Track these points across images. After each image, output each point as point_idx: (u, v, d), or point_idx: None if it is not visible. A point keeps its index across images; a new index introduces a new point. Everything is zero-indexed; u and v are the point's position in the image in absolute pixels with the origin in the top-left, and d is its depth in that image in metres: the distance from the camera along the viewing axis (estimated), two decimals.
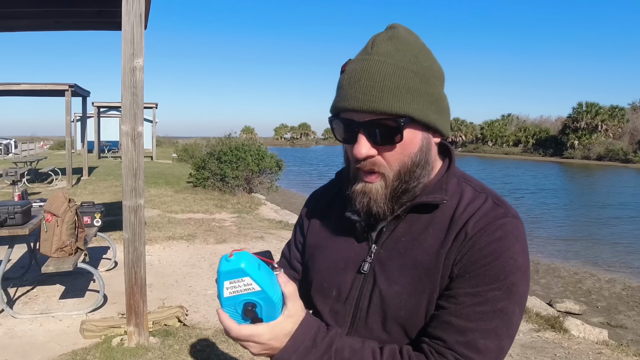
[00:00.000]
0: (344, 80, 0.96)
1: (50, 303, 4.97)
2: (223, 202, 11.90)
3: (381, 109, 0.91)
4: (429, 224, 1.00)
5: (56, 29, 6.87)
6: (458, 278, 0.93)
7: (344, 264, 1.08)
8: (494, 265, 0.91)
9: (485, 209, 0.96)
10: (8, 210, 4.36)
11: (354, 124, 0.95)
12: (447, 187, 1.01)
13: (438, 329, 0.93)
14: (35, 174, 15.98)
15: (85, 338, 4.12)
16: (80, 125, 20.14)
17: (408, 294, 0.97)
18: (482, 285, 0.91)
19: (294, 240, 1.28)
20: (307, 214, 1.25)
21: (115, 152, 28.99)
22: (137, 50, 3.72)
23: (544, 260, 9.94)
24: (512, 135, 69.21)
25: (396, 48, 0.95)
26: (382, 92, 0.91)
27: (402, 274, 0.99)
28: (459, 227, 0.95)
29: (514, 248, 0.92)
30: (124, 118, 3.78)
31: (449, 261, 0.94)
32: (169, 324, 4.34)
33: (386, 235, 1.03)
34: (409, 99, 0.92)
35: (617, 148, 51.41)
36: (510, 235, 0.93)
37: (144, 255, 3.91)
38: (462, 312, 0.91)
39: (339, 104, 0.96)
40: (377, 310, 1.00)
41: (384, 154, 0.96)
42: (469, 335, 0.89)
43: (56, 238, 4.52)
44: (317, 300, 1.13)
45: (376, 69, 0.92)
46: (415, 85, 0.93)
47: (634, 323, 6.52)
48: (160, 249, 7.29)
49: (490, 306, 0.90)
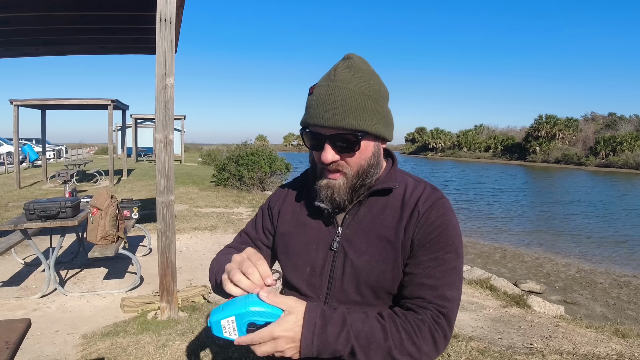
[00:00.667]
0: (313, 101, 1.04)
1: (96, 283, 4.98)
2: (240, 198, 11.89)
3: (343, 125, 1.00)
4: (385, 206, 1.11)
5: (100, 53, 6.90)
6: (420, 247, 1.04)
7: (316, 245, 1.13)
8: (444, 234, 1.04)
9: (427, 192, 1.10)
10: (60, 205, 4.37)
11: (321, 136, 1.04)
12: (396, 178, 1.13)
13: (415, 290, 1.03)
14: (82, 175, 16.01)
15: (125, 312, 4.12)
16: (121, 134, 20.15)
17: (376, 261, 1.06)
18: (439, 251, 1.03)
19: (262, 225, 1.29)
20: (276, 205, 1.28)
21: (150, 157, 29.02)
22: (169, 71, 3.72)
23: (510, 247, 9.91)
24: (483, 143, 68.99)
25: (353, 75, 1.04)
26: (343, 112, 1.00)
27: (369, 245, 1.07)
28: (412, 207, 1.07)
29: (453, 220, 1.08)
30: (158, 128, 3.78)
31: (408, 234, 1.05)
32: (195, 300, 4.34)
33: (350, 218, 1.12)
34: (364, 117, 1.02)
35: (572, 153, 51.24)
36: (449, 210, 1.08)
37: (174, 243, 3.91)
38: (430, 273, 1.02)
39: (309, 120, 1.04)
40: (351, 277, 1.07)
41: (345, 158, 1.06)
42: (439, 290, 1.01)
43: (100, 228, 4.53)
44: (292, 277, 1.17)
45: (338, 93, 1.01)
46: (368, 106, 1.03)
47: (586, 300, 6.50)
48: (187, 238, 7.29)
49: (447, 265, 1.03)
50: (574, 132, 55.62)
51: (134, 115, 24.96)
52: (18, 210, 8.74)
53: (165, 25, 3.68)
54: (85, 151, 39.48)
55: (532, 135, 58.14)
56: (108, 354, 3.26)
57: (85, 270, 5.42)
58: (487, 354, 3.47)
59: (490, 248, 9.77)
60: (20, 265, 5.53)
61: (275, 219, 1.25)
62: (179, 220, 8.43)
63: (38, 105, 13.75)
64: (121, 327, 3.76)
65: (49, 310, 4.18)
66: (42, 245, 5.71)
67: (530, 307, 4.95)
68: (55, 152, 29.27)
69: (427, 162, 57.54)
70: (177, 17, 4.03)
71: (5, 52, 6.41)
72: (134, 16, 5.01)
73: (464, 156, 68.21)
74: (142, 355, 3.25)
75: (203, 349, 3.38)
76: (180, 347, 3.38)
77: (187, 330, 3.66)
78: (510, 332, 4.11)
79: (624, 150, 46.21)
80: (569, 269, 8.15)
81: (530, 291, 6.46)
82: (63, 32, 5.66)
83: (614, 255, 9.42)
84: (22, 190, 12.60)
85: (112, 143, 14.75)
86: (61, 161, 26.02)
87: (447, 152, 74.31)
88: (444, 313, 0.99)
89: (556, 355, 3.52)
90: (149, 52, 6.40)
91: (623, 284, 7.32)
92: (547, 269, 8.15)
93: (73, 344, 3.50)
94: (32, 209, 4.27)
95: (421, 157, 74.02)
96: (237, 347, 3.37)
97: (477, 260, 8.53)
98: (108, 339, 3.53)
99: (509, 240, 10.72)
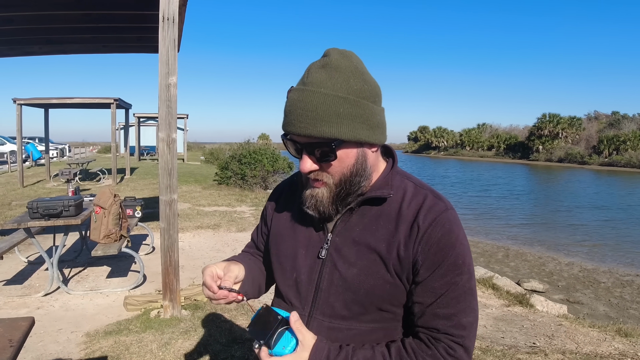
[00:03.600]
0: (286, 107, 0.96)
1: (99, 281, 4.99)
2: (243, 197, 11.90)
3: (315, 134, 0.91)
4: (379, 216, 1.01)
5: (103, 52, 6.91)
6: (427, 271, 0.96)
7: (305, 250, 1.08)
8: (452, 254, 0.96)
9: (428, 203, 0.99)
10: (63, 204, 4.38)
11: (298, 144, 0.96)
12: (392, 183, 1.04)
13: (429, 320, 0.96)
14: (86, 174, 16.04)
15: (128, 311, 4.13)
16: (124, 133, 20.17)
17: (365, 275, 0.98)
18: (449, 275, 0.95)
19: (260, 229, 1.31)
20: (272, 205, 1.25)
21: (153, 155, 29.08)
22: (172, 70, 3.73)
23: (513, 247, 9.89)
24: (486, 141, 68.69)
25: (328, 76, 0.92)
26: (314, 119, 0.90)
27: (358, 257, 1.00)
28: (411, 220, 0.98)
29: (460, 235, 0.99)
30: (161, 126, 3.79)
31: (408, 252, 0.96)
32: (198, 299, 4.35)
33: (341, 225, 1.04)
34: (339, 123, 0.91)
35: (575, 152, 51.00)
36: (454, 225, 0.98)
37: (177, 242, 3.92)
38: (443, 302, 0.95)
39: (285, 127, 0.96)
40: (339, 290, 1.01)
41: (324, 167, 0.97)
42: (454, 318, 0.94)
43: (104, 227, 4.54)
44: (280, 282, 1.14)
45: (309, 99, 0.91)
46: (345, 110, 0.92)
47: (589, 300, 6.48)
48: (190, 236, 7.30)
49: (461, 289, 0.96)
50: (577, 130, 55.35)
51: (137, 114, 24.99)
52: (21, 209, 8.77)
53: (168, 24, 3.69)
54: (88, 150, 39.54)
55: (535, 134, 57.88)
56: (111, 352, 3.27)
57: (88, 268, 5.43)
58: (489, 353, 3.47)
59: (493, 247, 9.75)
60: (23, 263, 5.55)
61: (270, 218, 1.22)
62: (182, 218, 8.44)
63: (41, 104, 13.79)
64: (124, 326, 3.77)
65: (52, 308, 4.20)
66: (45, 243, 5.72)
67: (532, 306, 4.94)
68: (59, 151, 29.37)
69: (430, 160, 57.46)
70: (180, 15, 4.02)
71: (9, 51, 6.43)
72: (137, 15, 5.02)
73: (467, 155, 67.98)
74: (145, 354, 3.26)
75: (206, 347, 3.38)
76: (183, 346, 3.39)
77: (190, 329, 3.67)
78: (513, 331, 4.10)
79: (627, 149, 45.96)
80: (572, 268, 8.13)
81: (533, 290, 6.44)
82: (66, 31, 5.67)
83: (617, 254, 9.39)
84: (25, 188, 12.64)
85: (115, 142, 14.76)
86: (64, 160, 26.09)
87: (449, 151, 74.05)
88: (460, 343, 0.94)
89: (559, 354, 3.51)
90: (151, 51, 6.41)
91: (626, 283, 7.29)
92: (550, 268, 8.13)
93: (76, 342, 3.51)
94: (35, 208, 4.29)
95: (424, 155, 73.87)
96: (239, 345, 3.38)
97: (479, 259, 8.52)
98: (111, 337, 3.54)
99: (512, 239, 10.70)
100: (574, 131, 55.41)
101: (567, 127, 55.60)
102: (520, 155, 59.73)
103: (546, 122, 56.55)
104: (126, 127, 18.50)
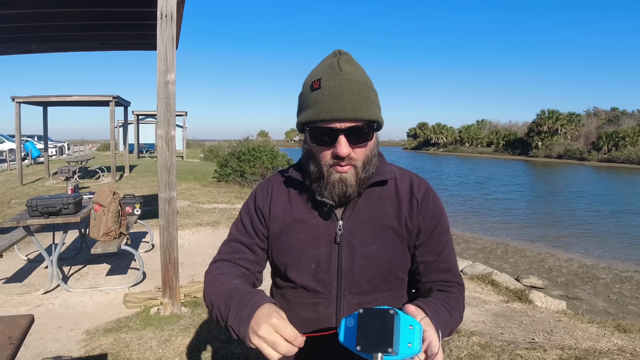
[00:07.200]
0: (323, 96, 1.01)
1: (98, 279, 5.00)
2: (242, 194, 11.90)
3: (361, 117, 1.01)
4: (381, 196, 1.15)
5: (102, 50, 6.89)
6: (427, 235, 1.14)
7: (317, 240, 1.12)
8: (442, 219, 1.17)
9: (416, 181, 1.18)
10: (62, 201, 4.38)
11: (335, 130, 1.01)
12: (386, 169, 1.17)
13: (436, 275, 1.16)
14: (85, 171, 16.04)
15: (128, 308, 4.14)
16: (123, 130, 20.16)
17: (385, 250, 1.11)
18: (442, 236, 1.16)
19: (253, 229, 1.20)
20: (264, 206, 1.20)
21: (152, 153, 29.03)
22: (170, 67, 3.72)
23: (512, 243, 9.90)
24: (485, 138, 68.67)
25: (355, 69, 1.05)
26: (360, 103, 1.01)
27: (375, 235, 1.11)
28: (409, 196, 1.15)
29: (441, 203, 1.19)
30: (159, 124, 3.78)
31: (414, 222, 1.13)
32: (197, 296, 4.36)
33: (350, 210, 1.12)
34: (374, 107, 1.05)
35: (574, 148, 50.99)
36: (436, 195, 1.19)
37: (176, 239, 3.92)
38: (442, 258, 1.16)
39: (321, 115, 1.01)
40: (361, 268, 1.10)
41: (355, 150, 1.05)
42: (452, 270, 1.17)
43: (103, 225, 4.54)
44: (295, 275, 1.14)
45: (351, 86, 1.01)
46: (372, 96, 1.06)
47: (588, 296, 6.49)
48: (190, 234, 7.31)
49: (449, 247, 1.18)
50: (577, 127, 55.33)
51: (136, 112, 25.00)
52: (21, 207, 8.77)
53: (166, 21, 3.68)
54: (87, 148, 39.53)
55: (534, 130, 57.85)
56: (111, 350, 3.28)
57: (88, 266, 5.44)
58: (488, 349, 3.47)
59: (492, 243, 9.76)
60: (23, 261, 5.55)
61: (267, 219, 1.19)
62: (181, 216, 8.44)
63: (40, 102, 13.77)
64: (124, 323, 3.78)
65: (52, 306, 4.20)
66: (44, 241, 5.72)
67: (532, 302, 4.95)
68: (58, 149, 29.29)
69: (430, 157, 57.46)
70: (178, 12, 4.01)
71: (7, 49, 6.41)
72: (135, 12, 5.00)
73: (466, 151, 67.95)
74: (145, 351, 3.26)
75: (205, 344, 3.39)
76: (183, 343, 3.40)
77: (189, 326, 3.68)
78: (512, 327, 4.11)
79: (626, 145, 45.94)
80: (571, 264, 8.15)
81: (532, 286, 6.46)
82: (64, 28, 5.65)
83: (616, 250, 9.41)
84: (24, 187, 12.64)
85: (114, 139, 14.74)
86: (63, 158, 26.06)
87: (449, 148, 74.05)
88: (461, 283, 1.18)
89: (558, 350, 3.52)
90: (150, 48, 6.39)
91: (625, 279, 7.31)
92: (549, 264, 8.14)
93: (76, 339, 3.52)
94: (34, 206, 4.29)
95: (423, 152, 73.89)
96: (239, 342, 3.38)
97: (479, 256, 8.53)
98: (111, 334, 3.55)
99: (511, 235, 10.71)
100: (573, 127, 55.40)
101: (567, 123, 55.58)
102: (520, 151, 59.74)
103: (545, 119, 56.52)
104: (125, 124, 18.49)
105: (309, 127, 1.05)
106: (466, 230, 11.06)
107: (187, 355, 3.24)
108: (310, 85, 1.05)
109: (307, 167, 1.12)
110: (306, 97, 1.06)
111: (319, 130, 1.03)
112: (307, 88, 1.06)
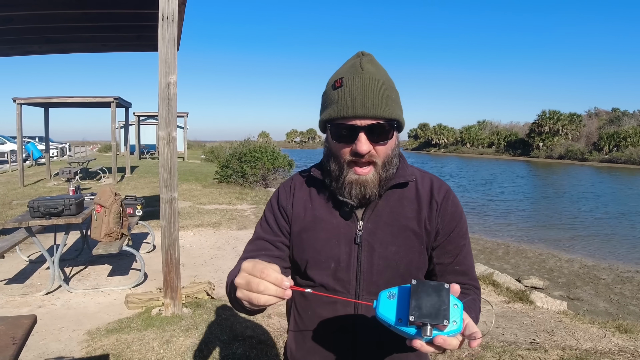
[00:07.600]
0: (345, 94, 1.03)
1: (100, 280, 5.01)
2: (243, 195, 11.92)
3: (381, 115, 1.02)
4: (401, 198, 1.15)
5: (103, 51, 6.91)
6: (445, 237, 1.15)
7: (337, 240, 1.13)
8: (461, 222, 1.17)
9: (437, 184, 1.18)
10: (64, 202, 4.39)
11: (356, 127, 1.03)
12: (407, 171, 1.18)
13: (452, 277, 1.16)
14: (86, 172, 16.06)
15: (129, 309, 4.15)
16: (124, 131, 20.17)
17: (404, 251, 1.12)
18: (460, 239, 1.16)
19: (278, 226, 1.21)
20: (287, 204, 1.21)
21: (153, 154, 29.08)
22: (171, 68, 3.73)
23: (513, 243, 9.90)
24: (486, 138, 68.59)
25: (376, 68, 1.07)
26: (381, 101, 1.02)
27: (395, 237, 1.12)
28: (428, 199, 1.15)
29: (460, 206, 1.19)
30: (161, 125, 3.80)
31: (432, 224, 1.14)
32: (199, 297, 4.37)
33: (370, 211, 1.13)
34: (394, 107, 1.06)
35: (575, 149, 50.94)
36: (456, 198, 1.19)
37: (177, 240, 3.93)
38: (459, 260, 1.16)
39: (342, 112, 1.03)
40: (380, 269, 1.11)
41: (376, 148, 1.06)
42: (470, 272, 1.19)
43: (104, 225, 4.55)
44: (315, 274, 1.15)
45: (372, 85, 1.03)
46: (394, 96, 1.08)
47: (589, 296, 6.49)
48: (191, 235, 7.32)
49: (467, 250, 1.19)
50: (578, 127, 55.27)
51: (137, 113, 25.01)
52: (22, 208, 8.79)
53: (168, 23, 3.69)
54: (89, 149, 39.52)
55: (535, 130, 57.79)
56: (113, 350, 3.29)
57: (89, 267, 5.45)
58: (489, 349, 3.48)
59: (494, 244, 9.76)
60: (24, 262, 5.56)
61: (290, 217, 1.20)
62: (182, 217, 8.45)
63: (41, 103, 13.78)
64: (125, 324, 3.78)
65: (53, 307, 4.21)
66: (46, 242, 5.73)
67: (533, 303, 4.96)
68: (59, 150, 29.36)
69: (431, 158, 57.43)
70: (180, 14, 4.03)
71: (9, 51, 6.43)
72: (137, 14, 5.01)
73: (467, 152, 67.90)
74: (146, 351, 3.27)
75: (207, 344, 3.39)
76: (184, 343, 3.40)
77: (191, 326, 3.69)
78: (513, 328, 4.11)
79: (627, 146, 45.89)
80: (572, 265, 8.14)
81: (533, 287, 6.46)
82: (65, 30, 5.67)
83: (618, 251, 9.40)
84: (26, 188, 12.65)
85: (115, 140, 14.76)
86: (64, 159, 26.10)
87: (450, 148, 73.98)
88: (477, 287, 1.20)
89: (559, 350, 3.52)
90: (151, 49, 6.41)
91: (626, 279, 7.30)
92: (550, 264, 8.14)
93: (78, 340, 3.53)
94: (36, 207, 4.30)
95: (424, 153, 73.83)
96: (240, 342, 3.39)
97: (480, 256, 8.53)
98: (113, 335, 3.56)
99: (513, 236, 10.71)
100: (574, 128, 55.35)
101: (568, 123, 55.54)
102: (521, 152, 59.69)
103: (546, 119, 56.48)
104: (126, 125, 18.50)
105: (330, 124, 1.07)
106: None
107: (188, 355, 3.25)
108: (332, 84, 1.07)
109: (327, 166, 1.14)
110: (328, 95, 1.08)
111: (340, 127, 1.05)
112: (330, 87, 1.09)
